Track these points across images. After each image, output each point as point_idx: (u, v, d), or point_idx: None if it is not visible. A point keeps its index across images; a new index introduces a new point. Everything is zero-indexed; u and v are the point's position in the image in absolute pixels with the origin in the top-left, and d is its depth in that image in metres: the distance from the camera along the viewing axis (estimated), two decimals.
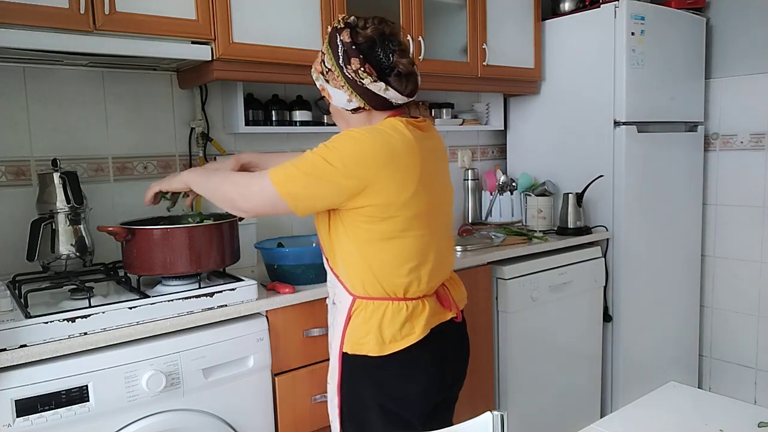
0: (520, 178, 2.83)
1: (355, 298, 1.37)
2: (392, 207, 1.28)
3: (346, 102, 1.35)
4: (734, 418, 1.17)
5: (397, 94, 1.33)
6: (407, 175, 1.28)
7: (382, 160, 1.26)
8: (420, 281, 1.36)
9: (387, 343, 1.32)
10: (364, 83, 1.31)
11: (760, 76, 2.85)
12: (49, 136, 1.85)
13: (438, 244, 1.39)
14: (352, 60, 1.30)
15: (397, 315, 1.33)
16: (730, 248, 3.02)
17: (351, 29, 1.33)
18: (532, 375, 2.33)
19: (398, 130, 1.31)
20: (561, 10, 2.81)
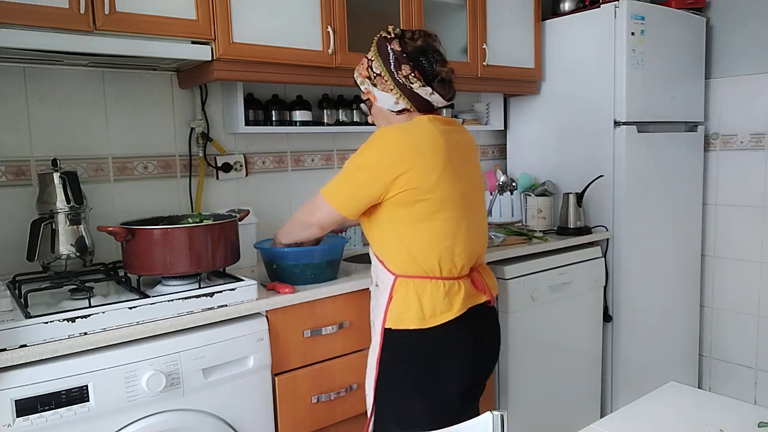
0: (520, 178, 2.83)
1: (396, 278, 1.51)
2: (421, 191, 1.44)
3: (393, 104, 1.54)
4: (734, 418, 1.17)
5: (440, 98, 1.54)
6: (432, 162, 1.45)
7: (409, 150, 1.44)
8: (453, 260, 1.51)
9: (427, 318, 1.47)
10: (412, 87, 1.50)
11: (760, 76, 2.85)
12: (49, 136, 1.85)
13: (468, 228, 1.53)
14: (402, 66, 1.49)
15: (436, 292, 1.48)
16: (730, 248, 3.02)
17: (400, 39, 1.52)
18: (532, 375, 2.33)
19: (423, 125, 1.50)
20: (561, 10, 2.81)
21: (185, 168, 2.12)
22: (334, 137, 2.50)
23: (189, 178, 2.12)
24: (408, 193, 1.44)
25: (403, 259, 1.50)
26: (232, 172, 2.20)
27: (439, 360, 1.50)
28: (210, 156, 2.15)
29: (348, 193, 1.49)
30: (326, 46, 2.02)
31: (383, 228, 1.51)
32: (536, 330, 2.33)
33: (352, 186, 1.48)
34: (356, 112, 2.40)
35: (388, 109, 1.56)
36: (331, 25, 2.02)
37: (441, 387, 1.51)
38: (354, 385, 1.80)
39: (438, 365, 1.50)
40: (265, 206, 2.27)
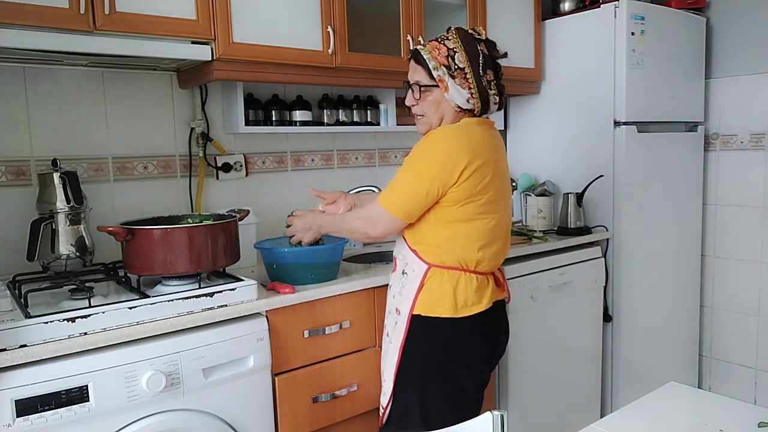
0: (520, 178, 2.83)
1: (430, 267, 1.55)
2: (474, 192, 1.50)
3: (464, 101, 1.56)
4: (734, 418, 1.17)
5: (496, 107, 1.61)
6: (485, 166, 1.50)
7: (465, 153, 1.48)
8: (489, 259, 1.58)
9: (459, 308, 1.53)
10: (489, 93, 1.56)
11: (760, 76, 2.85)
12: (49, 136, 1.85)
13: (504, 229, 1.62)
14: (488, 71, 1.55)
15: (469, 284, 1.55)
16: (730, 248, 3.02)
17: (488, 44, 1.56)
18: (532, 375, 2.33)
19: (475, 128, 1.55)
20: (561, 10, 2.81)
21: (185, 168, 2.12)
22: (334, 137, 2.50)
23: (189, 178, 2.12)
24: (462, 195, 1.49)
25: (441, 251, 1.54)
26: (232, 172, 2.20)
27: (465, 350, 1.56)
28: (210, 156, 2.15)
29: (412, 203, 1.51)
30: (326, 46, 2.02)
31: (426, 222, 1.55)
32: (536, 330, 2.33)
33: (415, 195, 1.50)
34: (356, 112, 2.40)
35: (456, 104, 1.56)
36: (331, 25, 2.02)
37: (463, 376, 1.57)
38: (354, 385, 1.80)
39: (463, 355, 1.56)
40: (265, 206, 2.27)
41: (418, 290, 1.56)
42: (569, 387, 2.51)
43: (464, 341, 1.56)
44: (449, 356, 1.56)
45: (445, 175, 1.47)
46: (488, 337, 1.61)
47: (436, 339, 1.55)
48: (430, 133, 1.55)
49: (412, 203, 1.51)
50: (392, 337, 1.61)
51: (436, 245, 1.55)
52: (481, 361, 1.63)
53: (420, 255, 1.57)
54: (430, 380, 1.56)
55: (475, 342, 1.57)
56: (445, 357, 1.55)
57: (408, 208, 1.52)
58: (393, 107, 2.44)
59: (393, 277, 1.67)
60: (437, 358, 1.55)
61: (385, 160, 2.67)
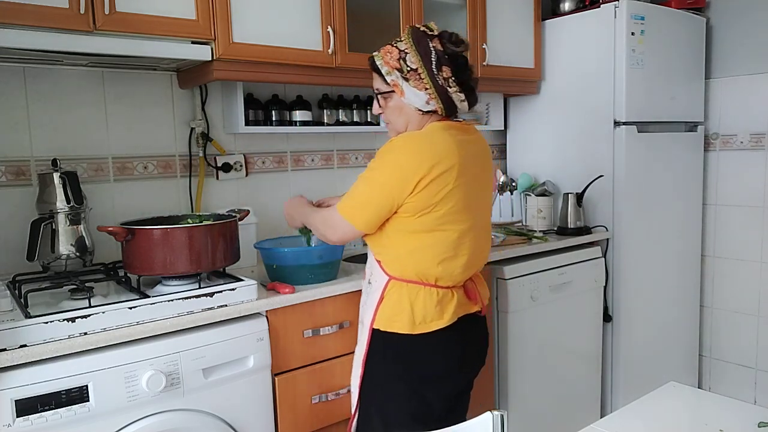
0: (520, 178, 2.83)
1: (390, 279, 1.49)
2: (432, 203, 1.42)
3: (423, 103, 1.47)
4: (734, 418, 1.17)
5: (467, 105, 1.51)
6: (446, 175, 1.41)
7: (427, 164, 1.39)
8: (452, 272, 1.49)
9: (417, 324, 1.45)
10: (449, 91, 1.46)
11: (760, 76, 2.85)
12: (49, 136, 1.85)
13: (474, 241, 1.51)
14: (443, 68, 1.44)
15: (428, 299, 1.47)
16: (730, 248, 3.02)
17: (441, 39, 1.45)
18: (532, 375, 2.33)
19: (439, 135, 1.44)
20: (561, 10, 2.81)
21: (185, 168, 2.12)
22: (334, 137, 2.50)
23: (189, 178, 2.12)
24: (419, 204, 1.42)
25: (401, 263, 1.48)
26: (232, 172, 2.20)
27: (426, 366, 1.48)
28: (210, 156, 2.15)
29: (369, 212, 1.45)
30: (326, 46, 2.02)
31: (387, 233, 1.49)
32: (536, 330, 2.33)
33: (373, 204, 1.44)
34: (356, 112, 2.40)
35: (415, 107, 1.49)
36: (331, 25, 2.02)
37: (426, 392, 1.49)
38: None
39: (425, 371, 1.48)
40: (265, 206, 2.27)
41: (378, 303, 1.50)
42: (569, 387, 2.51)
43: (424, 358, 1.48)
44: (409, 372, 1.48)
45: (401, 185, 1.40)
46: (453, 354, 1.51)
47: (395, 354, 1.48)
48: (390, 141, 1.46)
49: (370, 212, 1.45)
50: (357, 349, 1.57)
51: (396, 257, 1.48)
52: (447, 378, 1.53)
53: (382, 266, 1.51)
54: (391, 395, 1.50)
55: (436, 359, 1.49)
56: (405, 373, 1.48)
57: (366, 218, 1.45)
58: None
59: (363, 285, 1.63)
60: (398, 375, 1.48)
61: None
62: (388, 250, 1.50)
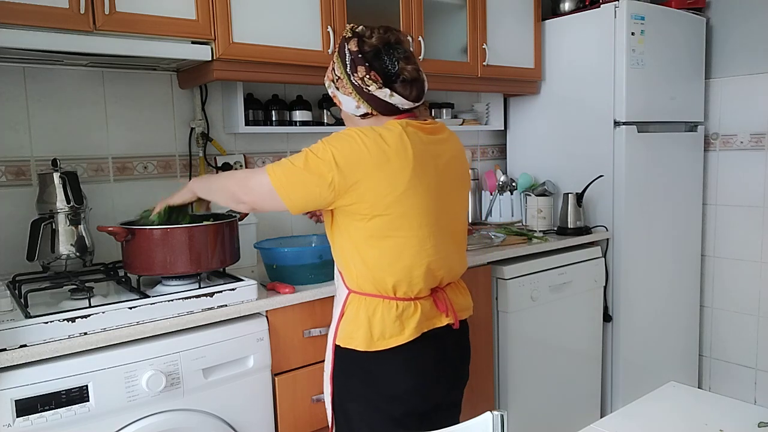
0: (520, 178, 2.83)
1: (349, 293, 1.41)
2: (379, 206, 1.31)
3: (354, 108, 1.42)
4: (734, 418, 1.17)
5: (403, 99, 1.38)
6: (396, 176, 1.31)
7: (372, 159, 1.30)
8: (411, 282, 1.37)
9: (375, 340, 1.36)
10: (370, 90, 1.36)
11: (760, 76, 2.85)
12: (49, 136, 1.85)
13: (438, 248, 1.39)
14: (358, 68, 1.37)
15: (387, 313, 1.36)
16: (730, 248, 3.02)
17: (358, 39, 1.39)
18: (532, 375, 2.33)
19: (393, 132, 1.33)
20: (561, 10, 2.81)
21: (185, 168, 2.12)
22: None
23: (189, 178, 2.11)
24: (363, 206, 1.31)
25: (358, 274, 1.38)
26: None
27: (390, 383, 1.38)
28: (210, 156, 2.15)
29: (296, 186, 1.31)
30: (326, 46, 2.02)
31: (342, 240, 1.39)
32: (536, 330, 2.33)
33: (303, 181, 1.30)
34: None
35: (351, 113, 1.44)
36: (331, 25, 2.02)
37: (393, 411, 1.39)
38: None
39: (387, 389, 1.38)
40: None
41: (339, 318, 1.42)
42: (569, 387, 2.51)
43: (384, 376, 1.38)
44: (371, 390, 1.39)
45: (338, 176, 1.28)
46: (419, 371, 1.39)
47: (355, 372, 1.40)
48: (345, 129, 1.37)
49: (300, 192, 1.31)
50: (326, 365, 1.49)
51: (353, 268, 1.38)
52: (414, 394, 1.40)
53: (344, 279, 1.43)
54: (361, 411, 1.41)
55: (398, 377, 1.38)
56: (367, 391, 1.39)
57: (294, 189, 1.31)
58: None
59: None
60: (359, 392, 1.40)
61: None
62: (346, 261, 1.40)
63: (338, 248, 1.42)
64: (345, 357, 1.41)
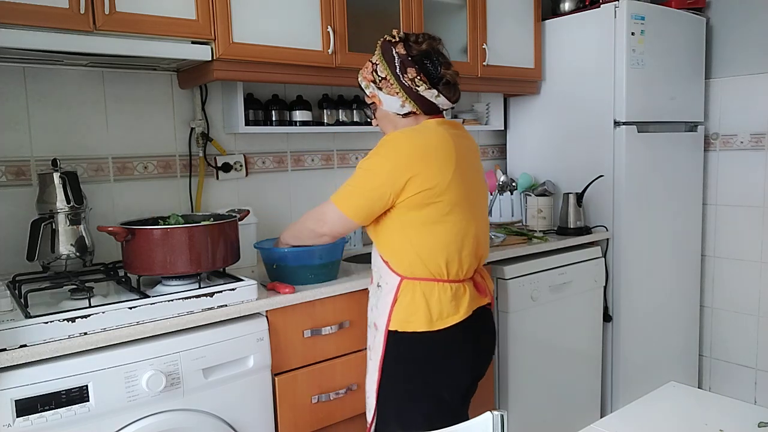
0: (520, 178, 2.83)
1: (402, 279, 1.51)
2: (434, 192, 1.44)
3: (399, 107, 1.54)
4: (734, 418, 1.17)
5: (446, 100, 1.53)
6: (444, 165, 1.45)
7: (420, 153, 1.44)
8: (461, 263, 1.51)
9: (434, 320, 1.48)
10: (418, 90, 1.50)
11: (760, 76, 2.85)
12: (49, 136, 1.85)
13: (475, 231, 1.55)
14: (408, 70, 1.50)
15: (443, 294, 1.49)
16: (730, 248, 3.02)
17: (405, 43, 1.52)
18: (532, 375, 2.33)
19: (433, 128, 1.50)
20: (561, 10, 2.81)
21: (185, 168, 2.12)
22: (334, 137, 2.50)
23: (189, 178, 2.12)
24: (420, 196, 1.44)
25: (410, 261, 1.49)
26: (232, 172, 2.20)
27: (445, 362, 1.50)
28: (210, 156, 2.15)
29: (361, 201, 1.47)
30: (326, 46, 2.02)
31: (392, 230, 1.50)
32: (536, 330, 2.33)
33: (365, 193, 1.46)
34: (356, 112, 2.40)
35: (394, 112, 1.56)
36: (331, 25, 2.02)
37: (445, 389, 1.52)
38: (354, 385, 1.80)
39: (443, 367, 1.50)
40: (265, 206, 2.27)
41: (392, 305, 1.51)
42: (569, 387, 2.51)
43: (443, 355, 1.50)
44: (428, 371, 1.50)
45: (395, 174, 1.43)
46: (470, 348, 1.54)
47: (414, 355, 1.50)
48: (386, 136, 1.51)
49: (362, 201, 1.47)
50: (372, 353, 1.58)
51: (405, 255, 1.50)
52: (465, 372, 1.56)
53: (392, 267, 1.53)
54: (410, 398, 1.51)
55: (455, 354, 1.51)
56: (424, 373, 1.50)
57: (360, 207, 1.47)
58: None
59: (371, 289, 1.64)
60: (417, 375, 1.50)
61: None
62: (397, 248, 1.51)
63: (386, 240, 1.53)
64: (401, 341, 1.50)
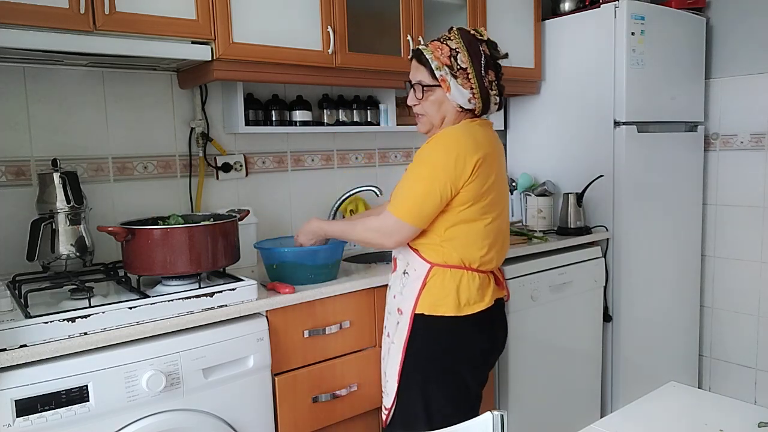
0: (520, 178, 2.83)
1: (432, 266, 1.55)
2: (480, 193, 1.51)
3: (466, 101, 1.56)
4: (734, 418, 1.17)
5: (496, 108, 1.62)
6: (490, 166, 1.53)
7: (473, 152, 1.49)
8: (492, 258, 1.59)
9: (462, 306, 1.54)
10: (491, 93, 1.57)
11: (760, 76, 2.85)
12: (49, 136, 1.85)
13: (504, 228, 1.65)
14: (489, 71, 1.56)
15: (472, 282, 1.55)
16: (730, 248, 3.02)
17: (489, 45, 1.57)
18: (532, 375, 2.33)
19: (478, 129, 1.55)
20: (561, 10, 2.81)
21: (185, 168, 2.12)
22: (334, 137, 2.50)
23: (189, 178, 2.12)
24: (470, 195, 1.50)
25: (444, 250, 1.54)
26: (232, 172, 2.20)
27: (469, 347, 1.57)
28: (210, 156, 2.15)
29: (424, 208, 1.50)
30: (326, 46, 2.02)
31: (432, 223, 1.54)
32: (536, 330, 2.33)
33: (427, 199, 1.49)
34: (356, 112, 2.40)
35: (457, 103, 1.56)
36: (331, 25, 2.02)
37: (466, 373, 1.59)
38: (354, 385, 1.80)
39: (466, 352, 1.57)
40: (265, 206, 2.27)
41: (420, 289, 1.56)
42: (569, 387, 2.51)
43: (467, 339, 1.57)
44: (453, 354, 1.56)
45: (455, 175, 1.47)
46: (489, 335, 1.63)
47: (439, 337, 1.56)
48: (434, 137, 1.54)
49: (426, 208, 1.50)
50: (394, 338, 1.61)
51: (439, 244, 1.55)
52: (483, 358, 1.64)
53: (422, 254, 1.57)
54: (433, 379, 1.56)
55: (477, 339, 1.58)
56: (448, 355, 1.56)
57: (422, 214, 1.51)
58: (393, 107, 2.44)
59: (393, 277, 1.67)
60: (441, 357, 1.56)
61: (385, 160, 2.67)
62: (431, 238, 1.56)
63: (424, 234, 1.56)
64: (428, 324, 1.55)
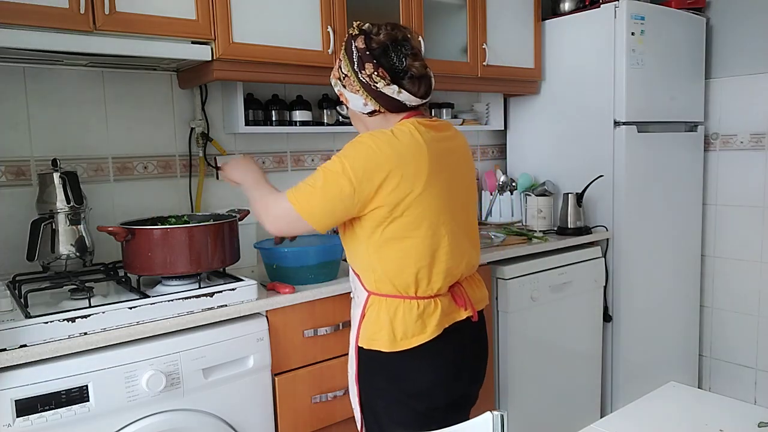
0: (520, 178, 2.83)
1: (369, 294, 1.42)
2: (401, 207, 1.33)
3: (362, 105, 1.42)
4: (734, 418, 1.17)
5: (411, 96, 1.39)
6: (414, 177, 1.32)
7: (389, 163, 1.30)
8: (430, 281, 1.39)
9: (398, 340, 1.37)
10: (377, 87, 1.37)
11: (760, 76, 2.85)
12: (49, 136, 1.85)
13: (453, 244, 1.41)
14: (366, 65, 1.37)
15: (408, 313, 1.38)
16: (730, 248, 3.02)
17: (365, 36, 1.39)
18: (532, 375, 2.33)
19: (406, 133, 1.35)
20: (561, 10, 2.81)
21: (185, 168, 2.12)
22: (334, 137, 2.50)
23: (189, 178, 2.12)
24: (384, 210, 1.32)
25: (377, 276, 1.39)
26: None
27: (414, 379, 1.40)
28: (210, 156, 2.15)
29: (319, 206, 1.33)
30: (326, 46, 2.02)
31: (358, 241, 1.40)
32: (536, 330, 2.33)
33: (324, 199, 1.32)
34: None
35: (359, 111, 1.44)
36: (331, 25, 2.02)
37: (420, 403, 1.42)
38: None
39: (413, 385, 1.41)
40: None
41: (360, 320, 1.43)
42: (569, 387, 2.51)
43: (408, 374, 1.40)
44: (396, 388, 1.41)
45: (360, 187, 1.30)
46: (441, 367, 1.42)
47: (379, 372, 1.42)
48: (355, 138, 1.36)
49: (324, 210, 1.33)
50: (349, 365, 1.51)
51: (372, 270, 1.39)
52: (443, 385, 1.43)
53: (362, 281, 1.44)
54: (389, 408, 1.43)
55: (421, 374, 1.40)
56: (392, 388, 1.41)
57: (318, 213, 1.34)
58: None
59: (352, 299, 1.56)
60: (385, 389, 1.42)
61: None
62: (364, 264, 1.42)
63: (355, 253, 1.44)
64: (369, 358, 1.42)
